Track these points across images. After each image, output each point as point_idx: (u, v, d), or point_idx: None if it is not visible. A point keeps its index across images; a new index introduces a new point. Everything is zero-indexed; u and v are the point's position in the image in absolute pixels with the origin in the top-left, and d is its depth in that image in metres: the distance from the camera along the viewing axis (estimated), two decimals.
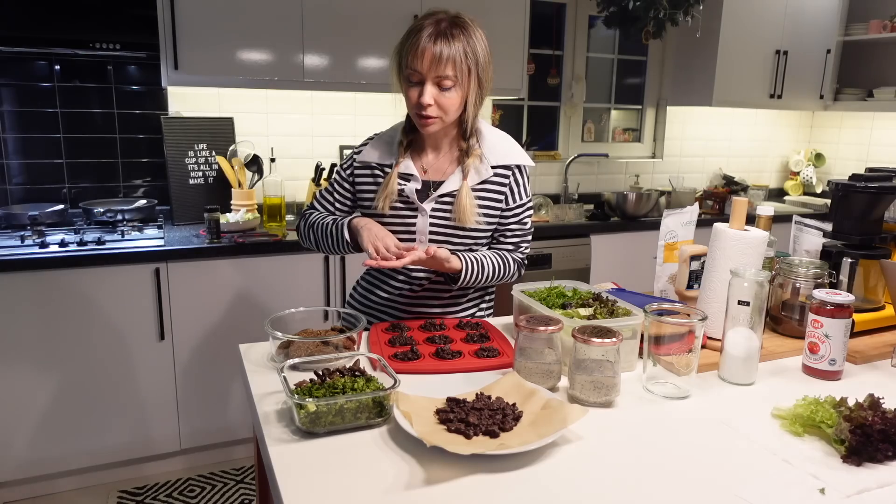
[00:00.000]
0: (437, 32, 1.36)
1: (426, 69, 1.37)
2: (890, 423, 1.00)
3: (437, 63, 1.36)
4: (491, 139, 1.56)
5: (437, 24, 1.38)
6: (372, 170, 1.57)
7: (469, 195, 1.49)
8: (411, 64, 1.38)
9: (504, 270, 1.57)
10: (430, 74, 1.37)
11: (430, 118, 1.42)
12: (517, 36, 3.05)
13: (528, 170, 1.59)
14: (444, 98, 1.40)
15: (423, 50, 1.36)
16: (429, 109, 1.40)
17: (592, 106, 3.87)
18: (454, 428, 1.01)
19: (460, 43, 1.37)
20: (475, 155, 1.51)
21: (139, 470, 2.56)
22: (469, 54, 1.39)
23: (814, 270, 1.48)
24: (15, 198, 2.72)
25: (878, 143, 4.04)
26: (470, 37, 1.39)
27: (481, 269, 1.51)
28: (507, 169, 1.55)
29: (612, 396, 1.16)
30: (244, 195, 2.82)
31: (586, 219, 3.33)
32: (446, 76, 1.38)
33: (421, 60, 1.36)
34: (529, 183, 1.59)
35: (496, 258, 1.55)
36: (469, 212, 1.48)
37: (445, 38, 1.36)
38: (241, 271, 2.51)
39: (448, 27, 1.38)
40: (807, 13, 3.74)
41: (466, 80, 1.41)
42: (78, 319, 2.31)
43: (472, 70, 1.41)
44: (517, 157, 1.56)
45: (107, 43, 2.44)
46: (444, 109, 1.41)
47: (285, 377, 1.08)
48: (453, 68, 1.37)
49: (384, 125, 1.66)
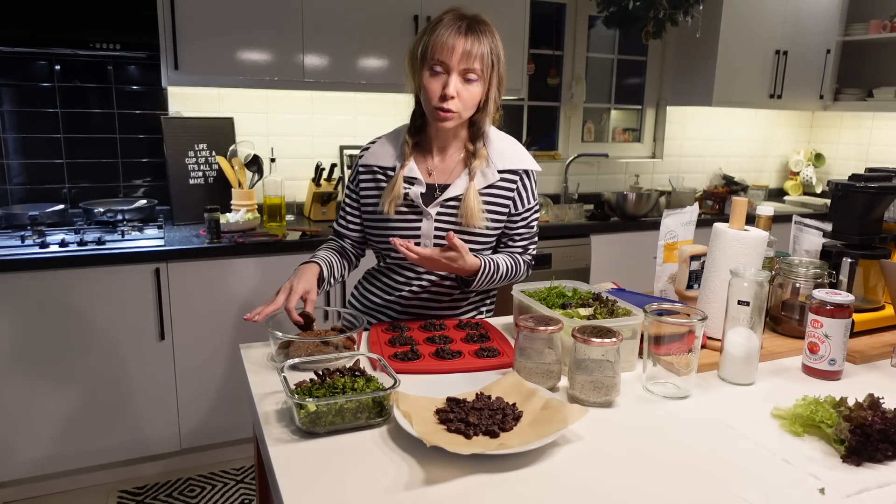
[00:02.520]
0: (467, 27, 1.39)
1: (456, 61, 1.38)
2: (890, 423, 1.00)
3: (466, 56, 1.38)
4: (498, 144, 1.55)
5: (461, 18, 1.40)
6: (374, 174, 1.55)
7: (476, 196, 1.48)
8: (438, 55, 1.38)
9: (515, 271, 1.57)
10: (458, 66, 1.39)
11: (449, 112, 1.41)
12: (517, 36, 3.05)
13: (536, 175, 1.58)
14: (467, 91, 1.41)
15: (454, 42, 1.37)
16: (451, 102, 1.40)
17: (592, 106, 3.87)
18: (454, 428, 1.01)
19: (487, 39, 1.41)
20: (482, 157, 1.51)
21: (139, 470, 2.56)
22: (494, 50, 1.42)
23: (814, 270, 1.48)
24: (15, 198, 2.72)
25: (877, 143, 4.04)
26: (493, 36, 1.43)
27: (496, 269, 1.51)
28: (514, 174, 1.54)
29: (612, 396, 1.16)
30: (244, 195, 2.82)
31: (586, 219, 3.33)
32: (473, 69, 1.39)
33: (450, 52, 1.37)
34: (537, 187, 1.59)
35: (508, 260, 1.55)
36: (476, 213, 1.48)
37: (475, 33, 1.39)
38: (241, 271, 2.51)
39: (474, 23, 1.41)
40: (807, 13, 3.74)
41: (490, 76, 1.43)
42: (78, 319, 2.31)
43: (496, 67, 1.44)
44: (525, 163, 1.55)
45: (107, 43, 2.44)
46: (464, 103, 1.42)
47: (285, 377, 1.08)
48: (481, 62, 1.40)
49: (384, 125, 1.66)
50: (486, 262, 1.48)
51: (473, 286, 1.50)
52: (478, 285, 1.50)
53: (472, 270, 1.46)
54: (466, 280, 1.51)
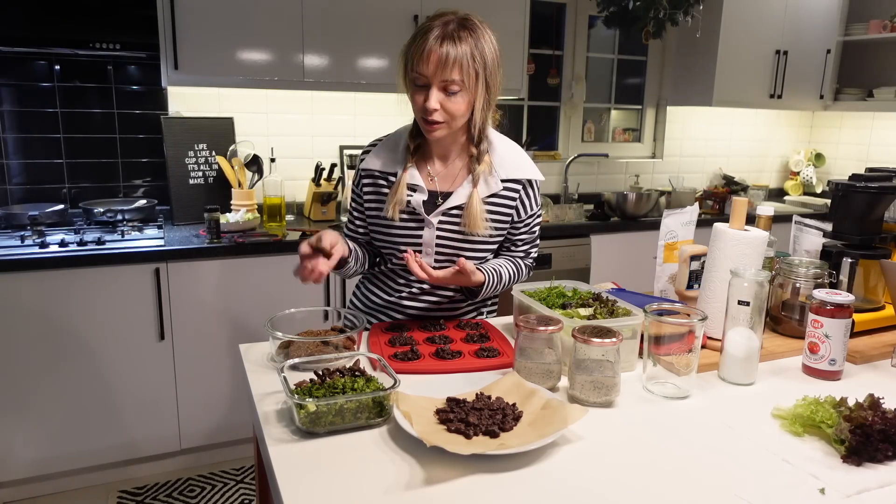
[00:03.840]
0: (444, 34, 1.32)
1: (432, 73, 1.32)
2: (890, 423, 1.00)
3: (442, 66, 1.31)
4: (501, 151, 1.52)
5: (444, 25, 1.33)
6: (375, 178, 1.53)
7: (479, 203, 1.46)
8: (417, 67, 1.33)
9: (517, 276, 1.58)
10: (435, 78, 1.33)
11: (435, 123, 1.38)
12: (517, 36, 3.05)
13: (539, 184, 1.56)
14: (451, 103, 1.35)
15: (429, 52, 1.31)
16: (434, 115, 1.36)
17: (592, 106, 3.87)
18: (454, 428, 1.01)
19: (467, 45, 1.32)
20: (485, 163, 1.48)
21: (139, 470, 2.56)
22: (476, 58, 1.34)
23: (814, 270, 1.48)
24: (15, 198, 2.72)
25: (878, 143, 4.04)
26: (478, 39, 1.35)
27: (500, 279, 1.51)
28: (517, 183, 1.52)
29: (612, 396, 1.16)
30: (244, 195, 2.82)
31: (586, 219, 3.33)
32: (452, 80, 1.33)
33: (426, 63, 1.32)
34: (540, 195, 1.58)
35: (510, 266, 1.55)
36: (479, 220, 1.46)
37: (452, 41, 1.31)
38: (241, 271, 2.51)
39: (456, 29, 1.33)
40: (807, 13, 3.74)
41: (474, 85, 1.36)
42: (78, 319, 2.31)
43: (480, 74, 1.35)
44: (528, 172, 1.53)
45: (107, 43, 2.44)
46: (450, 114, 1.37)
47: (285, 377, 1.08)
48: (460, 72, 1.32)
49: (384, 125, 1.66)
50: (490, 274, 1.47)
51: (480, 297, 1.52)
52: (483, 295, 1.51)
53: (477, 284, 1.46)
54: (471, 290, 1.51)
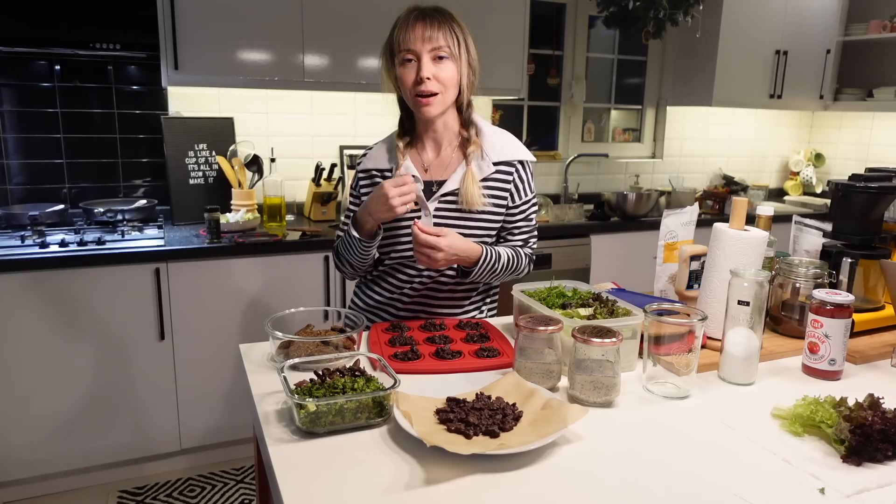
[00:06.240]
0: (421, 11, 1.44)
1: (420, 44, 1.41)
2: (890, 423, 1.00)
3: (429, 35, 1.41)
4: (490, 136, 1.56)
5: (417, 7, 1.45)
6: (373, 177, 1.58)
7: (474, 179, 1.49)
8: (404, 45, 1.42)
9: (517, 263, 1.57)
10: (424, 48, 1.41)
11: (430, 95, 1.43)
12: (517, 36, 3.05)
13: (531, 165, 1.59)
14: (442, 71, 1.42)
15: (413, 26, 1.41)
16: (428, 84, 1.41)
17: (592, 106, 3.87)
18: (454, 428, 1.01)
19: (445, 16, 1.45)
20: (475, 144, 1.52)
21: (139, 470, 2.56)
22: (455, 28, 1.45)
23: (814, 270, 1.48)
24: (15, 198, 2.72)
25: (877, 143, 4.04)
26: (454, 20, 1.46)
27: (498, 257, 1.51)
28: (509, 165, 1.55)
29: (612, 396, 1.16)
30: (244, 195, 2.82)
31: (586, 219, 3.33)
32: (440, 46, 1.41)
33: (412, 37, 1.41)
34: (533, 179, 1.60)
35: (509, 251, 1.56)
36: (475, 195, 1.49)
37: (430, 14, 1.44)
38: (241, 271, 2.51)
39: (429, 8, 1.46)
40: (807, 13, 3.74)
41: (458, 52, 1.44)
42: (78, 319, 2.31)
43: (462, 43, 1.45)
44: (518, 153, 1.57)
45: (107, 43, 2.44)
46: (442, 83, 1.43)
47: (285, 377, 1.08)
48: (445, 38, 1.42)
49: (384, 125, 1.67)
50: (488, 249, 1.49)
51: (475, 275, 1.50)
52: (479, 274, 1.50)
53: (475, 259, 1.47)
54: (466, 270, 1.51)
